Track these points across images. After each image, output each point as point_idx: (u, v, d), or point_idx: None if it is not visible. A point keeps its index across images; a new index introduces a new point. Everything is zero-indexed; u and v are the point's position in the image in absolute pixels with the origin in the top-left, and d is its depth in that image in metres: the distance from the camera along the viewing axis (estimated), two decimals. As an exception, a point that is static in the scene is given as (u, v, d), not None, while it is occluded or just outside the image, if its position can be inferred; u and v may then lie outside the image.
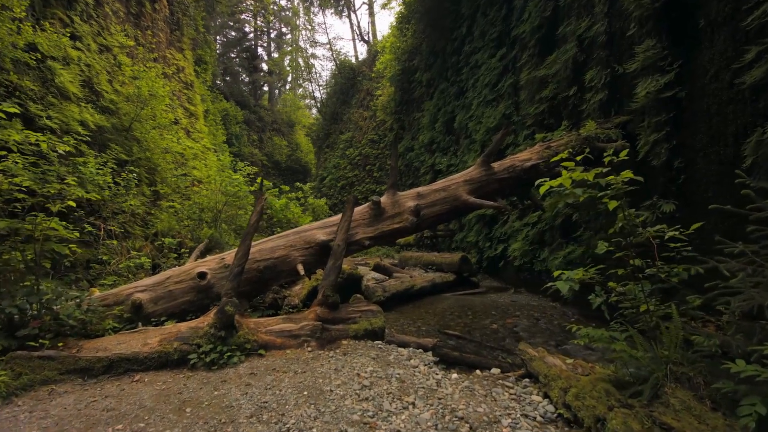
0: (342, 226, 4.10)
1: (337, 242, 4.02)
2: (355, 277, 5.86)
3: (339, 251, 4.01)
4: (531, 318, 5.74)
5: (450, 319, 5.78)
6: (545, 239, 7.32)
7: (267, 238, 4.28)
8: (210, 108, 29.59)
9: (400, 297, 7.07)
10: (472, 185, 4.59)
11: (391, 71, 19.99)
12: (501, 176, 4.70)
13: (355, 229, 4.35)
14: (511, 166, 4.72)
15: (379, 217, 4.43)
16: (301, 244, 4.19)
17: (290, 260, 4.09)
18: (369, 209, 4.48)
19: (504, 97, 9.85)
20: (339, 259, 3.99)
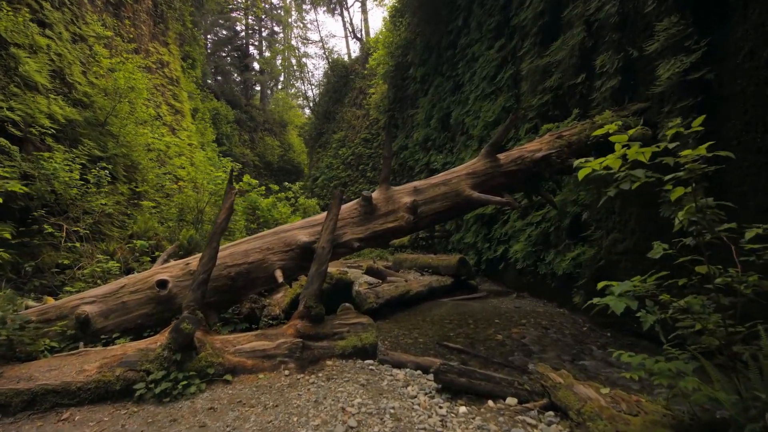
0: (327, 226, 3.52)
1: (321, 244, 3.45)
2: (345, 282, 5.28)
3: (323, 255, 3.44)
4: (539, 327, 5.20)
5: (450, 328, 5.22)
6: (550, 240, 6.80)
7: (240, 239, 3.69)
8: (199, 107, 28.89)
9: (395, 303, 6.51)
10: (475, 179, 4.04)
11: (384, 68, 19.43)
12: (508, 169, 4.16)
13: (343, 228, 3.78)
14: (519, 158, 4.18)
15: (371, 215, 3.87)
16: (280, 246, 3.62)
17: (267, 265, 3.52)
18: (359, 206, 3.91)
19: (503, 90, 9.34)
20: (323, 264, 3.42)
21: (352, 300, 5.52)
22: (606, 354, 4.20)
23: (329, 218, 3.53)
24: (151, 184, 9.55)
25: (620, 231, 5.36)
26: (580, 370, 3.77)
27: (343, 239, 3.71)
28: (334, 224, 3.55)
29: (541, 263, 6.91)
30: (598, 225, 5.66)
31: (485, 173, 4.12)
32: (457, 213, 4.20)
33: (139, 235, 7.87)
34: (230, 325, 3.90)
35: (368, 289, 6.35)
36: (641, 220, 5.02)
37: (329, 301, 5.05)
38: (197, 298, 3.00)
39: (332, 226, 3.51)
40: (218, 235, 3.17)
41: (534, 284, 7.23)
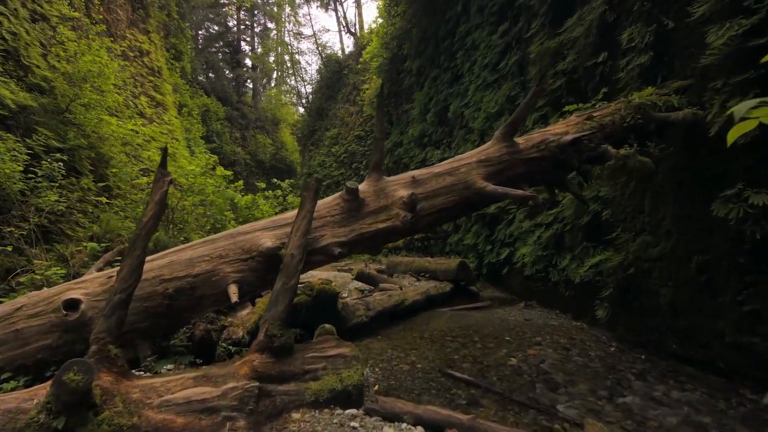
0: (297, 226, 2.68)
1: (290, 251, 2.61)
2: (328, 294, 4.43)
3: (292, 265, 2.59)
4: (558, 347, 4.38)
5: (453, 348, 4.39)
6: (564, 243, 5.99)
7: (185, 245, 2.84)
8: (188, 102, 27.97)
9: (388, 315, 5.68)
10: (489, 167, 3.22)
11: (378, 61, 18.60)
12: (529, 155, 3.34)
13: (321, 230, 2.93)
14: (542, 142, 3.37)
15: (357, 212, 3.02)
16: (237, 253, 2.76)
17: (218, 279, 2.66)
18: (341, 201, 3.06)
19: (508, 77, 8.53)
20: (293, 277, 2.57)
21: (337, 314, 4.68)
22: (648, 386, 3.40)
23: (301, 216, 2.69)
24: (123, 180, 8.61)
25: (652, 233, 4.57)
26: (623, 411, 2.95)
27: (319, 243, 2.86)
28: (308, 224, 2.70)
29: (553, 269, 6.10)
30: (625, 226, 4.85)
31: (501, 161, 3.29)
32: (465, 210, 3.37)
33: (100, 236, 6.96)
34: (171, 358, 3.05)
35: (358, 300, 5.51)
36: (680, 220, 4.22)
37: (309, 317, 4.21)
38: (110, 328, 2.14)
39: (305, 226, 2.67)
40: (143, 239, 2.31)
41: (544, 292, 6.42)
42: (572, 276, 5.56)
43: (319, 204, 2.96)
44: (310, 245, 2.79)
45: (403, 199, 2.99)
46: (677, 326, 4.13)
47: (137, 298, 2.55)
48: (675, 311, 4.15)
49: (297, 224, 2.68)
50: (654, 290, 4.41)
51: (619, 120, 3.62)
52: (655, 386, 3.40)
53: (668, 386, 3.40)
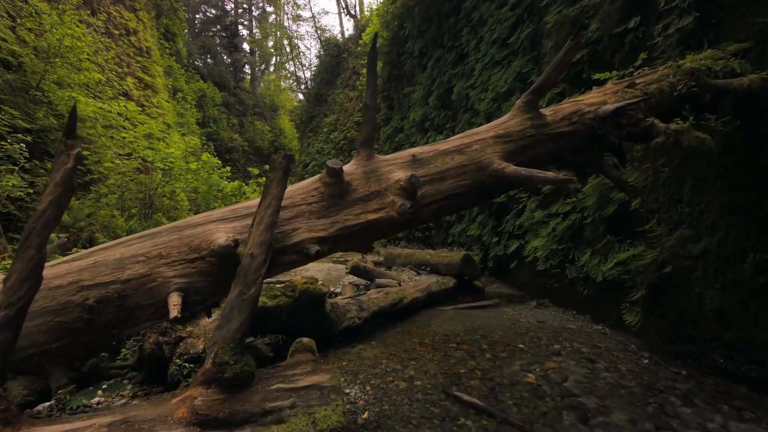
0: (261, 217, 2.02)
1: (249, 249, 1.97)
2: (313, 294, 3.81)
3: (253, 268, 1.95)
4: (581, 358, 3.76)
5: (458, 358, 3.78)
6: (584, 236, 5.34)
7: (114, 241, 2.19)
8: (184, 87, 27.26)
9: (384, 316, 5.07)
10: (508, 144, 2.56)
11: (378, 42, 17.72)
12: (558, 130, 2.67)
13: (294, 222, 2.28)
14: (574, 114, 2.70)
15: (341, 199, 2.37)
16: (182, 251, 2.12)
17: (156, 285, 2.02)
18: (321, 185, 2.40)
19: (519, 53, 7.79)
20: (252, 285, 1.93)
21: (325, 317, 4.07)
22: (699, 413, 2.79)
23: (265, 204, 2.04)
24: (105, 165, 7.92)
25: (692, 226, 3.91)
26: (677, 453, 2.33)
27: (291, 239, 2.22)
28: (274, 214, 2.05)
29: (570, 265, 5.46)
30: (660, 217, 4.19)
31: (523, 136, 2.63)
32: (478, 197, 2.70)
33: (68, 225, 6.33)
34: (96, 384, 2.43)
35: (350, 299, 4.88)
36: (730, 211, 3.57)
37: (292, 321, 3.59)
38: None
39: (270, 217, 2.02)
40: (38, 234, 1.67)
41: (559, 290, 5.79)
42: (593, 273, 4.92)
43: (292, 189, 2.32)
44: (279, 242, 2.15)
45: (400, 183, 2.33)
46: (725, 337, 3.50)
47: (46, 311, 1.92)
48: (722, 319, 3.51)
49: (260, 215, 2.03)
50: (696, 293, 3.76)
51: (668, 88, 2.94)
52: (708, 414, 2.78)
53: (723, 414, 2.78)
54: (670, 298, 3.94)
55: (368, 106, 2.49)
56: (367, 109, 2.49)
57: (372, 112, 2.49)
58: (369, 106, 2.49)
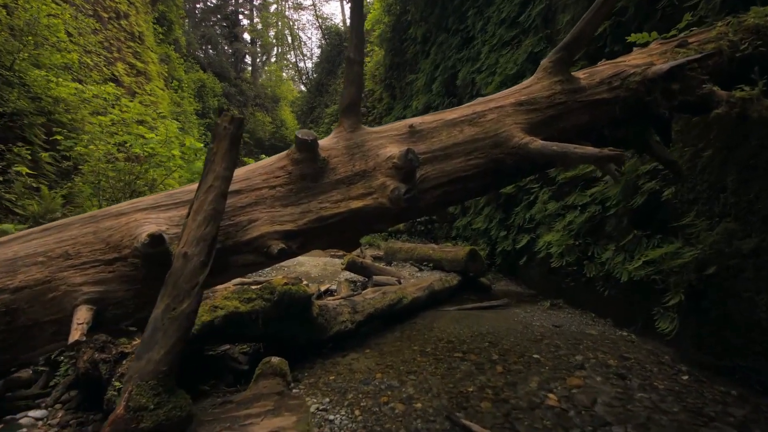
0: (199, 205, 1.48)
1: (183, 248, 1.44)
2: (296, 297, 3.27)
3: (187, 273, 1.42)
4: (609, 373, 3.22)
5: (464, 373, 3.24)
6: (605, 230, 4.77)
7: (10, 236, 1.65)
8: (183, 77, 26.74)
9: (382, 318, 4.54)
10: (533, 113, 2.00)
11: (380, 28, 17.08)
12: (594, 96, 2.11)
13: (251, 210, 1.73)
14: (615, 77, 2.14)
15: (316, 180, 1.82)
16: (97, 250, 1.58)
17: (58, 295, 1.48)
18: (289, 163, 1.85)
19: (530, 32, 7.18)
20: (186, 297, 1.40)
21: (312, 322, 3.54)
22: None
23: (205, 186, 1.50)
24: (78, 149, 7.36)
25: (739, 219, 3.34)
26: None
27: (247, 234, 1.67)
28: (219, 200, 1.51)
29: (589, 262, 4.90)
30: (701, 210, 3.61)
31: (552, 103, 2.07)
32: (494, 180, 2.14)
33: (39, 215, 5.82)
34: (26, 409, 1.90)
35: (343, 300, 4.35)
36: None
37: (272, 328, 3.07)
38: None
39: (213, 204, 1.48)
40: None
41: (575, 290, 5.24)
42: (617, 272, 4.36)
43: (250, 169, 1.78)
44: (230, 237, 1.61)
45: (393, 161, 1.79)
46: (784, 350, 2.95)
47: None
48: (780, 329, 2.96)
49: (198, 201, 1.49)
50: (745, 297, 3.20)
51: (729, 48, 2.34)
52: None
53: (796, 452, 2.24)
54: (712, 303, 3.39)
55: (352, 61, 1.93)
56: (351, 64, 1.93)
57: (357, 68, 1.93)
58: (353, 60, 1.92)
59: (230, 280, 1.88)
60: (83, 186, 5.97)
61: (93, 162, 5.83)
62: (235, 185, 1.70)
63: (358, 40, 1.96)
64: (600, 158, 1.75)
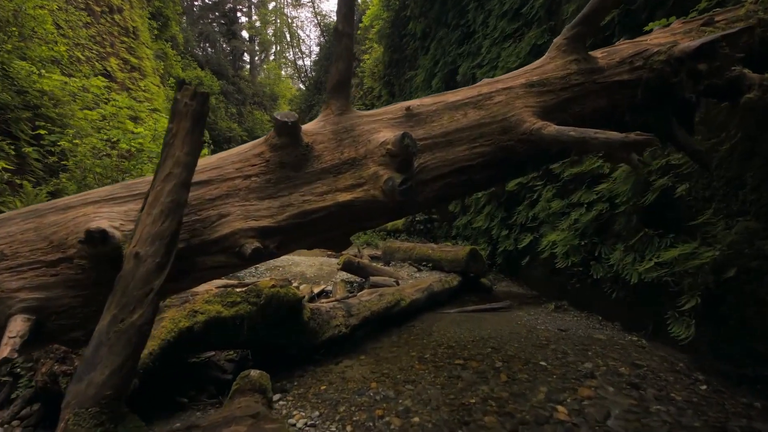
0: (157, 196, 1.25)
1: (134, 247, 1.20)
2: (284, 301, 3.04)
3: (139, 277, 1.19)
4: (621, 382, 3.00)
5: (466, 382, 3.01)
6: (613, 228, 4.55)
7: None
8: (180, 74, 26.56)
9: (378, 322, 4.31)
10: (545, 96, 1.78)
11: (379, 24, 16.84)
12: (614, 78, 1.89)
13: (222, 203, 1.50)
14: (637, 56, 1.91)
15: (298, 169, 1.59)
16: (37, 249, 1.34)
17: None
18: (266, 149, 1.62)
19: (533, 24, 6.95)
20: (138, 308, 1.17)
21: (303, 327, 3.31)
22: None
23: (163, 174, 1.26)
24: (62, 144, 7.09)
25: (761, 216, 3.13)
26: None
27: (216, 231, 1.44)
28: (180, 190, 1.28)
29: (596, 263, 4.68)
30: (719, 207, 3.38)
31: (567, 84, 1.84)
32: (502, 171, 1.90)
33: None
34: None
35: (336, 302, 4.12)
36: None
37: (257, 335, 2.85)
38: None
39: (172, 195, 1.25)
40: None
41: (581, 292, 5.01)
42: (626, 273, 4.14)
43: (222, 156, 1.55)
44: (197, 235, 1.38)
45: (387, 147, 1.56)
46: (812, 359, 2.74)
47: None
48: (809, 336, 2.75)
49: (155, 191, 1.26)
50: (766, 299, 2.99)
51: (761, 27, 2.11)
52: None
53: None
54: (731, 308, 3.16)
55: (340, 33, 1.69)
56: (339, 37, 1.69)
57: (346, 42, 1.70)
58: (341, 32, 1.69)
59: (196, 285, 1.65)
60: (67, 183, 5.72)
61: (78, 157, 5.57)
62: (204, 174, 1.48)
63: (347, 9, 1.72)
64: (626, 144, 1.52)
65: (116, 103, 6.57)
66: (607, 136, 1.54)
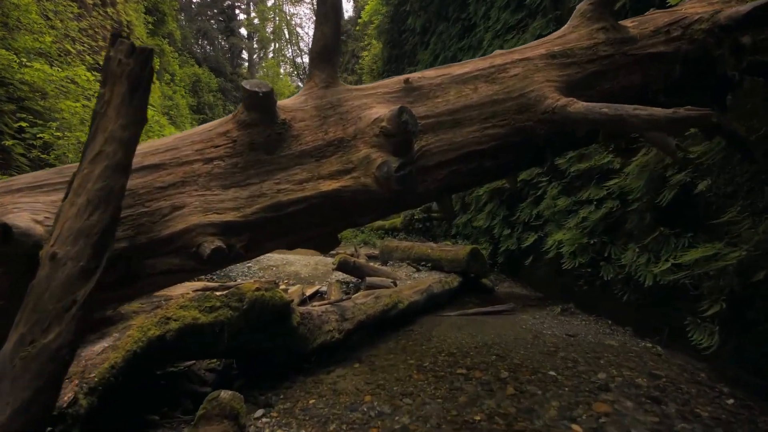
0: (83, 182, 1.00)
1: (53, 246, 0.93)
2: (270, 305, 2.77)
3: (56, 286, 0.91)
4: (640, 396, 2.73)
5: (470, 397, 2.75)
6: (626, 227, 4.29)
7: None
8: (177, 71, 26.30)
9: (375, 325, 4.04)
10: (568, 68, 1.51)
11: (378, 19, 16.54)
12: (649, 49, 1.61)
13: (176, 192, 1.24)
14: (674, 24, 1.64)
15: (271, 151, 1.31)
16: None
17: None
18: (233, 127, 1.34)
19: (537, 14, 6.68)
20: (55, 325, 0.89)
21: (292, 333, 3.04)
22: None
23: (92, 153, 1.00)
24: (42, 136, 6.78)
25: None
26: None
27: (169, 227, 1.16)
28: (115, 174, 1.01)
29: (606, 264, 4.41)
30: (745, 205, 3.12)
31: (594, 56, 1.56)
32: (519, 157, 1.61)
33: None
34: None
35: (330, 306, 3.84)
36: None
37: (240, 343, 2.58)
38: None
39: (103, 181, 0.98)
40: None
41: (589, 294, 4.75)
42: (639, 275, 3.87)
43: (182, 136, 1.28)
44: (143, 231, 1.11)
45: (381, 125, 1.28)
46: None
47: None
48: None
49: (81, 176, 0.98)
50: (801, 307, 2.74)
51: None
52: None
53: None
54: (760, 314, 2.90)
55: None
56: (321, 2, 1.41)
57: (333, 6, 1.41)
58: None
59: (149, 292, 1.38)
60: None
61: (60, 151, 5.29)
62: (155, 157, 1.21)
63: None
64: (674, 122, 1.24)
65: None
66: (651, 113, 1.26)
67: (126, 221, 1.09)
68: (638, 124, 1.32)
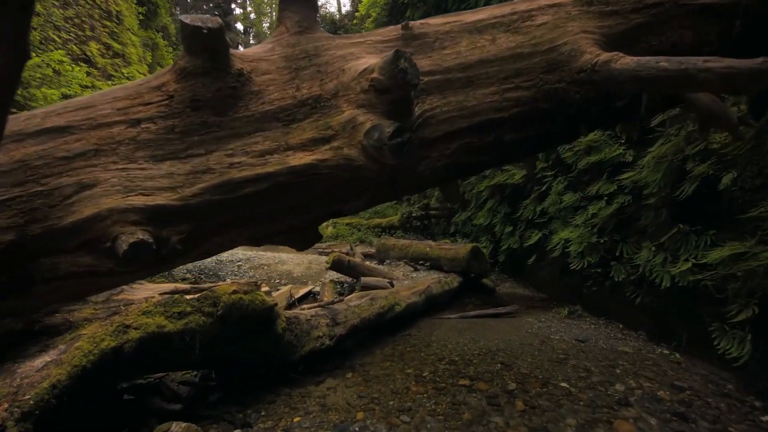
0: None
1: None
2: (249, 310, 2.46)
3: None
4: (665, 412, 2.44)
5: (474, 413, 2.44)
6: (639, 224, 3.99)
7: None
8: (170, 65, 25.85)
9: (369, 329, 3.73)
10: (609, 18, 1.19)
11: (376, 11, 16.19)
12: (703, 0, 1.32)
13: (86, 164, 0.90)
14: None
15: (222, 113, 0.98)
16: None
17: None
18: (170, 79, 1.02)
19: (542, 1, 6.35)
20: None
21: (277, 340, 2.73)
22: None
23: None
24: None
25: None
26: None
27: (74, 213, 0.84)
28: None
29: (617, 263, 4.12)
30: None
31: (640, 4, 1.25)
32: (546, 130, 1.29)
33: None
34: None
35: (320, 309, 3.53)
36: None
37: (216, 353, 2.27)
38: None
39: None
40: None
41: (597, 295, 4.46)
42: (655, 276, 3.58)
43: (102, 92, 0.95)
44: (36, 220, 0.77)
45: (370, 77, 0.94)
46: None
47: None
48: None
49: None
50: None
51: None
52: None
53: None
54: (797, 320, 2.62)
55: None
56: None
57: None
58: None
59: (41, 307, 1.05)
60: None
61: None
62: (60, 118, 0.89)
63: None
64: (758, 74, 0.92)
65: (73, 78, 5.93)
66: (729, 65, 0.95)
67: (15, 204, 0.78)
68: (712, 80, 1.00)
